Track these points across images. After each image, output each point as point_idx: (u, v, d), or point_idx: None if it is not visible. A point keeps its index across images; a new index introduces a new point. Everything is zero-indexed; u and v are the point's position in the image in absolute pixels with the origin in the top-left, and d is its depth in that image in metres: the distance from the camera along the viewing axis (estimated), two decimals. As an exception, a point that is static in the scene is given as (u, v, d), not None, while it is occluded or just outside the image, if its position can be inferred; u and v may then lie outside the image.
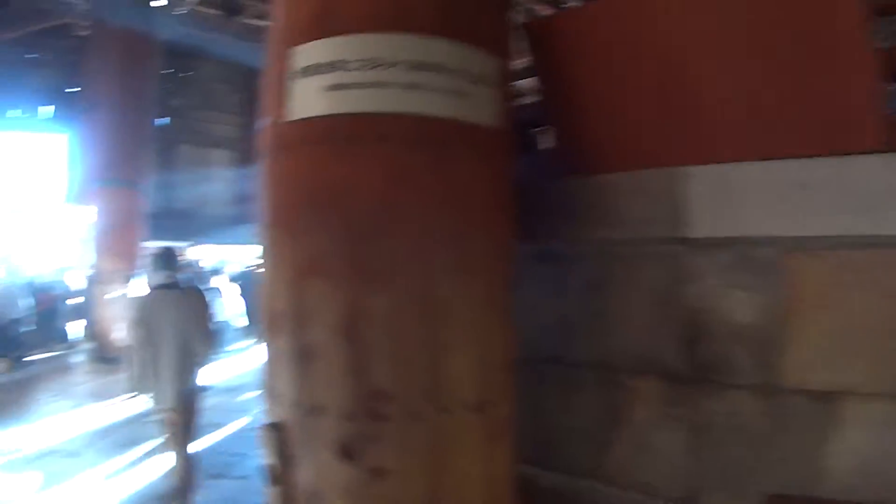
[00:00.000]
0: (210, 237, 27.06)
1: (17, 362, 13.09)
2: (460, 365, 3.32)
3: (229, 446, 8.00)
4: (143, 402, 9.63)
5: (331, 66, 3.27)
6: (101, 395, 10.73)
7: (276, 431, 3.44)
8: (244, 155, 32.57)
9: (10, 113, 30.94)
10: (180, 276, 6.63)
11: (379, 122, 3.25)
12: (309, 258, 3.32)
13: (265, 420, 3.64)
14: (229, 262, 21.46)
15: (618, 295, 3.99)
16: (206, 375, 6.36)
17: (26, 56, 29.53)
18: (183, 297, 6.05)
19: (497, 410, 3.48)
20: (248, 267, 17.72)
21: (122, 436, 8.50)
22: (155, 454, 7.62)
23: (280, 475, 3.44)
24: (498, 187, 3.60)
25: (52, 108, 31.00)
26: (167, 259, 6.19)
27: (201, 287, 8.76)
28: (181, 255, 6.45)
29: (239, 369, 12.91)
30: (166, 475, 6.43)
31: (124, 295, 10.74)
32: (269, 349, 3.62)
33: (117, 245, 13.81)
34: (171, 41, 17.26)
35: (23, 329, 13.74)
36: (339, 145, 3.28)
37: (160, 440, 7.86)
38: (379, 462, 3.21)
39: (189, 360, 5.92)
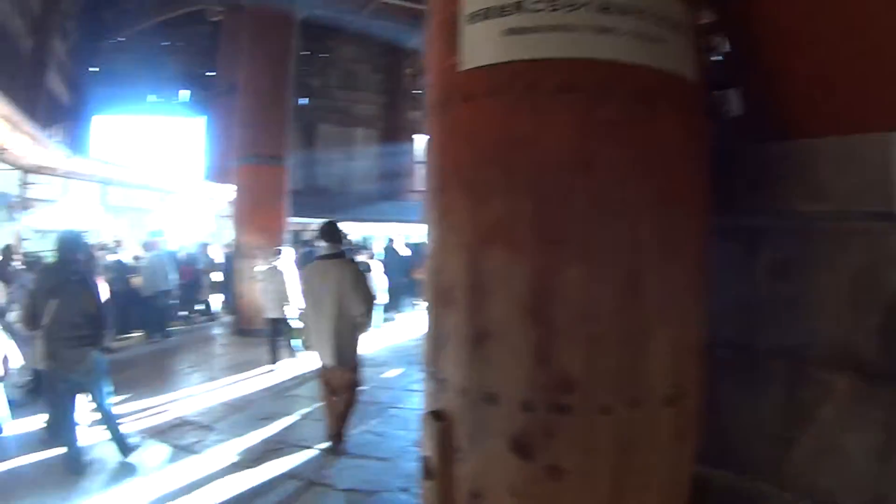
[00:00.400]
0: (352, 214, 27.29)
1: (161, 333, 13.29)
2: (657, 351, 2.83)
3: (373, 424, 7.69)
4: (282, 375, 9.86)
5: (509, 9, 2.84)
6: (238, 367, 10.82)
7: (439, 420, 3.06)
8: (385, 133, 33.16)
9: (150, 98, 32.75)
10: (342, 248, 6.95)
11: (565, 69, 2.79)
12: (489, 224, 2.90)
13: (426, 407, 3.28)
14: (374, 238, 21.39)
15: (812, 276, 3.38)
16: (364, 343, 6.92)
17: (163, 43, 30.83)
18: (344, 267, 6.57)
19: (688, 404, 2.99)
20: (392, 243, 17.58)
21: (258, 409, 8.42)
22: (289, 429, 7.66)
23: (440, 469, 3.05)
24: (698, 149, 3.09)
25: (188, 92, 32.33)
26: (331, 232, 6.78)
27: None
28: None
29: (383, 345, 12.53)
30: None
31: (269, 269, 10.72)
32: (435, 328, 3.23)
33: (260, 220, 13.83)
34: (309, 21, 17.29)
35: (168, 301, 13.91)
36: (521, 96, 2.84)
37: (295, 415, 7.99)
38: (555, 460, 2.78)
39: (349, 326, 6.52)
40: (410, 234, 21.83)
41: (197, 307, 16.24)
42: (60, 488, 5.87)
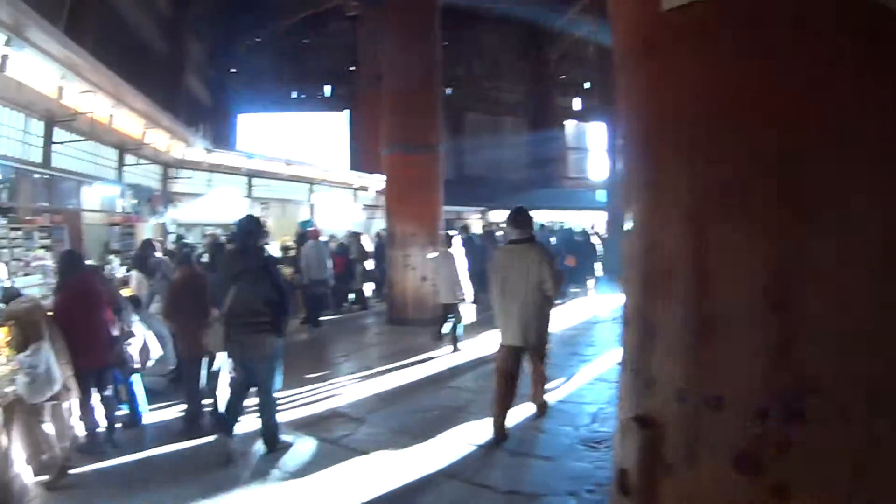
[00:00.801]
0: (503, 203, 27.04)
1: (315, 323, 13.24)
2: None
3: (535, 420, 7.16)
4: (441, 365, 9.65)
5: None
6: (392, 357, 10.58)
7: (646, 428, 2.57)
8: (534, 120, 32.83)
9: (292, 96, 33.58)
10: (531, 233, 6.93)
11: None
12: (716, 190, 2.38)
13: (626, 410, 2.81)
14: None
15: None
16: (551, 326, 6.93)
17: (302, 41, 31.35)
18: (534, 251, 6.62)
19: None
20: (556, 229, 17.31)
21: (413, 402, 8.14)
22: (446, 422, 7.20)
23: (642, 485, 2.59)
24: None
25: (330, 87, 32.89)
26: (521, 217, 6.83)
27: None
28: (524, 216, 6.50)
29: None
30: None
31: (441, 255, 10.54)
32: (642, 317, 2.72)
33: (413, 209, 13.62)
34: (451, 8, 16.95)
35: (324, 291, 13.97)
36: (741, 35, 2.32)
37: (453, 408, 7.71)
38: (785, 478, 2.25)
39: (539, 308, 6.58)
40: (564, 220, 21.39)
41: (349, 297, 16.28)
42: (198, 480, 5.82)
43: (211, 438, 6.57)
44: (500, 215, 28.07)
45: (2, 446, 5.40)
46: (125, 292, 9.14)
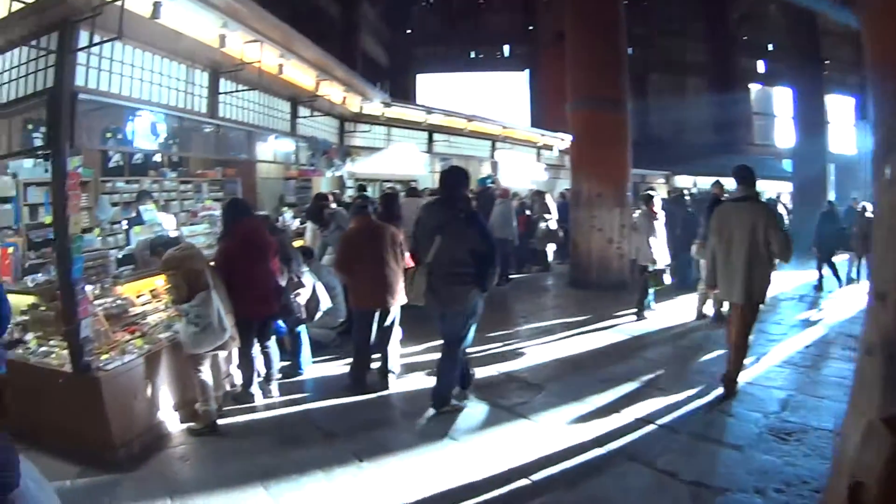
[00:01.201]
0: (686, 168, 25.89)
1: (503, 281, 12.69)
2: None
3: (725, 403, 6.45)
4: (628, 331, 9.47)
5: None
6: (574, 322, 10.06)
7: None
8: (715, 82, 31.28)
9: (472, 55, 33.56)
10: (755, 190, 6.76)
11: None
12: None
13: (865, 409, 2.45)
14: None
15: None
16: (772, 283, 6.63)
17: (479, 1, 31.60)
18: (759, 208, 6.53)
19: None
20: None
21: (596, 370, 7.56)
22: (630, 397, 6.63)
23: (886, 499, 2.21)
24: None
25: (508, 47, 33.09)
26: (745, 175, 6.67)
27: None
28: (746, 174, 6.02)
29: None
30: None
31: (642, 215, 9.90)
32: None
33: (600, 167, 12.93)
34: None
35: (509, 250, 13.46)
36: None
37: (638, 380, 7.12)
38: None
39: (763, 265, 6.43)
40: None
41: (533, 256, 15.76)
42: (353, 439, 5.65)
43: (374, 395, 6.62)
44: (684, 180, 27.24)
45: (148, 393, 5.54)
46: (298, 244, 9.16)
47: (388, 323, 6.91)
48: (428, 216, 6.10)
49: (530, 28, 31.05)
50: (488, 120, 18.81)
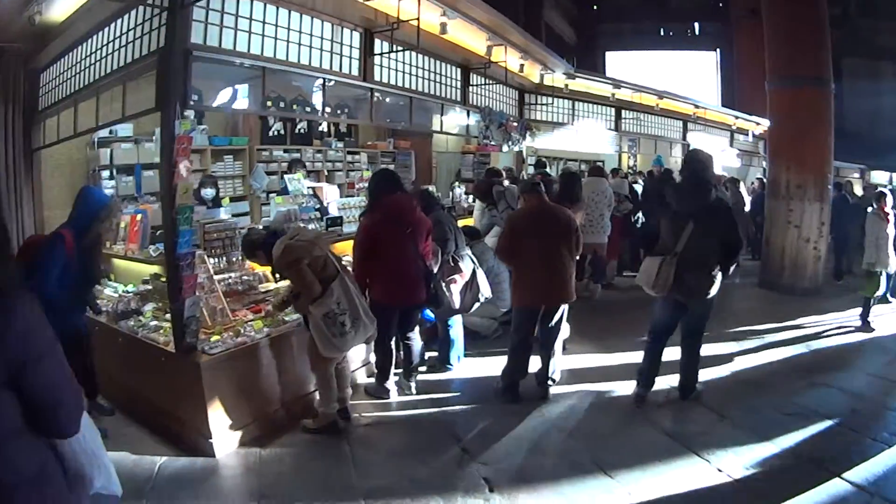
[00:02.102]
0: (885, 162, 23.05)
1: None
2: None
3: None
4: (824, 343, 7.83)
5: None
6: (763, 330, 8.37)
7: None
8: None
9: (661, 33, 31.98)
10: None
11: None
12: None
13: None
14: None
15: None
16: None
17: None
18: None
19: None
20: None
21: (783, 396, 6.00)
22: (824, 439, 5.16)
23: None
24: None
25: (697, 25, 31.35)
26: None
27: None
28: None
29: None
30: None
31: (873, 214, 8.38)
32: None
33: (801, 153, 11.16)
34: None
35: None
36: None
37: (836, 416, 5.57)
38: None
39: None
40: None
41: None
42: (493, 459, 4.69)
43: (527, 405, 5.59)
44: (880, 176, 24.48)
45: (257, 381, 5.08)
46: (465, 222, 8.60)
47: (553, 322, 5.77)
48: (679, 201, 5.52)
49: (720, 4, 29.12)
50: (680, 97, 17.18)
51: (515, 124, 11.81)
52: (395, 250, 5.40)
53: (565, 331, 6.28)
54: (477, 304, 6.31)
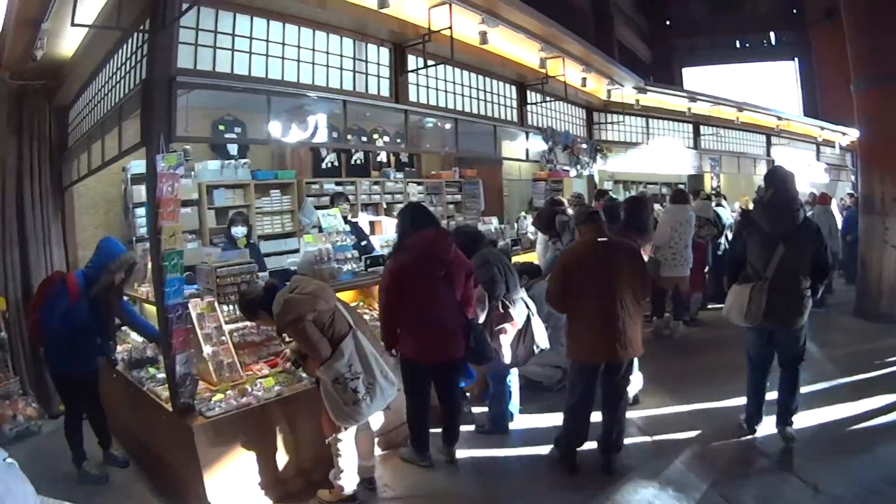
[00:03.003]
0: None
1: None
2: None
3: None
4: None
5: None
6: (861, 367, 6.90)
7: None
8: None
9: (737, 45, 30.71)
10: None
11: None
12: None
13: None
14: None
15: None
16: None
17: None
18: None
19: None
20: None
21: (883, 456, 4.81)
22: None
23: None
24: None
25: (773, 34, 29.91)
26: None
27: None
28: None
29: None
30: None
31: None
32: None
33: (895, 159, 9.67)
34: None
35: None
36: None
37: None
38: None
39: None
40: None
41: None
42: None
43: (587, 480, 4.57)
44: None
45: (264, 446, 4.44)
46: (529, 258, 7.93)
47: (618, 377, 4.63)
48: (770, 222, 4.98)
49: (794, 10, 27.51)
50: (762, 109, 15.87)
51: (584, 146, 10.77)
52: (426, 297, 4.55)
53: (637, 382, 5.61)
54: (533, 357, 5.40)
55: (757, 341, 5.14)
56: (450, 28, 5.91)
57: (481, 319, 4.93)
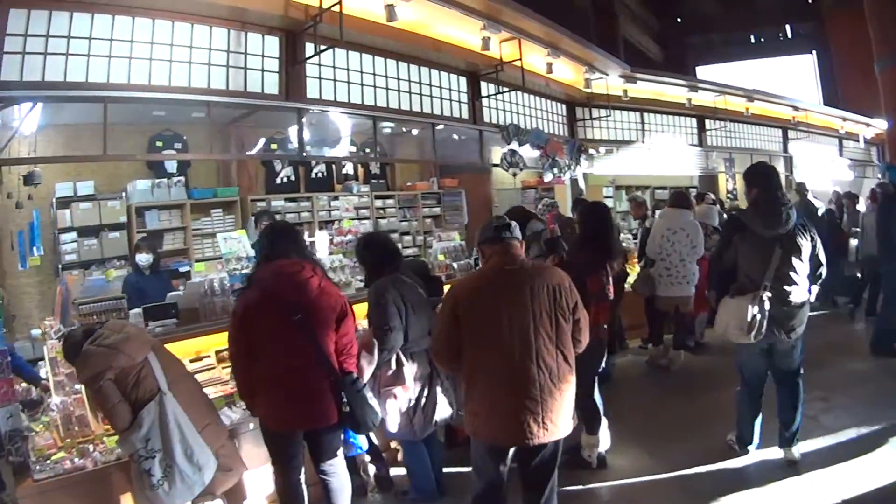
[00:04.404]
0: None
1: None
2: None
3: None
4: None
5: None
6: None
7: None
8: None
9: (751, 40, 29.77)
10: None
11: None
12: None
13: None
14: None
15: None
16: None
17: None
18: None
19: None
20: None
21: None
22: None
23: None
24: None
25: (788, 27, 29.25)
26: None
27: None
28: None
29: None
30: None
31: None
32: None
33: None
34: None
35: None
36: None
37: None
38: None
39: None
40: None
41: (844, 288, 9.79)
42: None
43: None
44: None
45: None
46: None
47: (537, 461, 3.16)
48: (764, 224, 4.54)
49: (809, 1, 26.66)
50: (776, 98, 14.34)
51: (564, 146, 9.48)
52: (277, 348, 3.42)
53: (605, 441, 4.60)
54: (432, 427, 4.24)
55: (753, 358, 4.71)
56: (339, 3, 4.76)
57: (367, 376, 3.73)
